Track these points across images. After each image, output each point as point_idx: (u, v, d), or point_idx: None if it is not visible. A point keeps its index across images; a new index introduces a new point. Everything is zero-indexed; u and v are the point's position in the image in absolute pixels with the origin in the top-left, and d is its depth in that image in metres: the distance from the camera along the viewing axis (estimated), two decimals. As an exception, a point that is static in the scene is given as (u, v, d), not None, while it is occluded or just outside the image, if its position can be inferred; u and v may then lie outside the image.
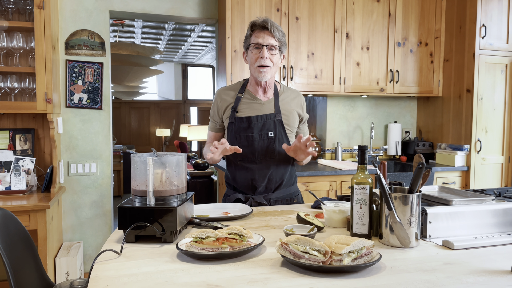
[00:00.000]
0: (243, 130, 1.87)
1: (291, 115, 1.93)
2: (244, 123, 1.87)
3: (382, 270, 1.07)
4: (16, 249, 1.36)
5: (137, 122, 9.53)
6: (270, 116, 1.88)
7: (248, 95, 1.92)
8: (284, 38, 1.85)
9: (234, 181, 1.95)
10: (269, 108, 1.90)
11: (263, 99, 1.91)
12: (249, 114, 1.88)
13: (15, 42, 2.80)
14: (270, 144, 1.87)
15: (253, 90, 1.92)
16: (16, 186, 2.71)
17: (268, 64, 1.81)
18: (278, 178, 1.92)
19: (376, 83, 3.62)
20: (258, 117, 1.87)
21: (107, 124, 3.32)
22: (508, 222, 1.39)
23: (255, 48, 1.81)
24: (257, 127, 1.86)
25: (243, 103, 1.90)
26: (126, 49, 6.25)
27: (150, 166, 1.29)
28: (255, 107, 1.89)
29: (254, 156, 1.87)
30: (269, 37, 1.80)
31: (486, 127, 3.54)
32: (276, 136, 1.87)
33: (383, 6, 3.59)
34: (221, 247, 1.15)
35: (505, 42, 3.53)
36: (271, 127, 1.87)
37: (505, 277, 1.03)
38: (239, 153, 1.85)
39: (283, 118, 1.90)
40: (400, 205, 1.24)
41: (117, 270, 1.08)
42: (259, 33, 1.81)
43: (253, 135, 1.86)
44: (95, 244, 3.34)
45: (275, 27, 1.81)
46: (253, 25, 1.83)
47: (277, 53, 1.84)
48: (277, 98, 1.92)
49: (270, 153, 1.88)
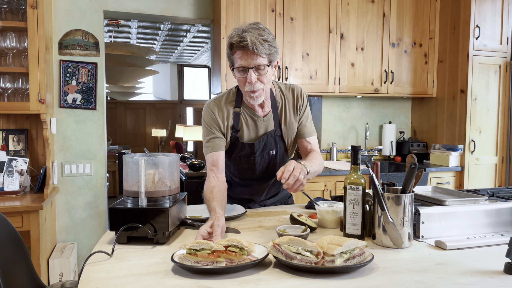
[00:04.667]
0: (245, 155, 1.73)
1: (290, 125, 1.76)
2: (246, 149, 1.71)
3: (374, 270, 1.07)
4: (6, 251, 1.34)
5: (132, 122, 9.50)
6: (271, 134, 1.73)
7: (246, 111, 1.71)
8: (273, 48, 1.54)
9: (230, 193, 1.87)
10: (269, 125, 1.73)
11: (262, 115, 1.72)
12: (250, 136, 1.72)
13: (8, 42, 2.78)
14: (271, 161, 1.78)
15: (249, 105, 1.70)
16: (9, 187, 2.69)
17: (258, 87, 1.56)
18: (276, 189, 1.90)
19: (371, 84, 3.62)
20: (260, 141, 1.71)
21: (101, 125, 3.30)
22: (501, 222, 1.39)
23: (241, 71, 1.55)
24: (259, 150, 1.72)
25: (243, 120, 1.70)
26: (122, 49, 6.23)
27: (142, 166, 1.28)
28: (256, 126, 1.72)
29: (254, 175, 1.79)
30: (254, 56, 1.50)
31: (480, 128, 3.55)
32: (277, 153, 1.77)
33: (377, 7, 3.59)
34: (217, 260, 1.06)
35: (499, 43, 3.54)
36: (272, 145, 1.74)
37: (497, 277, 1.03)
38: (239, 170, 1.78)
39: (283, 133, 1.76)
40: (393, 205, 1.24)
41: (108, 272, 1.07)
42: (242, 54, 1.51)
43: (255, 158, 1.74)
44: (89, 245, 3.32)
45: (259, 42, 1.48)
46: (231, 45, 1.53)
47: (267, 69, 1.55)
48: (275, 110, 1.73)
49: (271, 170, 1.79)
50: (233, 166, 1.80)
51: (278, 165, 1.77)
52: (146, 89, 9.66)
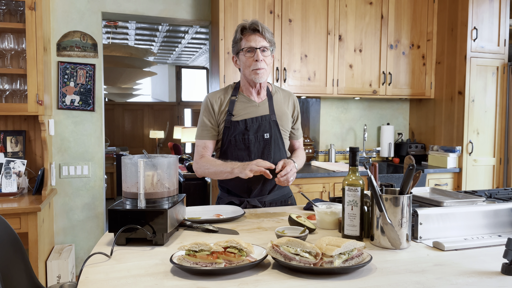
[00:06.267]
0: (239, 133, 1.85)
1: (285, 116, 1.94)
2: (240, 126, 1.85)
3: (372, 271, 1.08)
4: (5, 253, 1.34)
5: (130, 124, 9.49)
6: (265, 118, 1.88)
7: (242, 98, 1.91)
8: (273, 38, 1.86)
9: (228, 184, 1.92)
10: (264, 110, 1.90)
11: (257, 101, 1.91)
12: (244, 117, 1.87)
13: (6, 43, 2.78)
14: (266, 146, 1.87)
15: (246, 93, 1.91)
16: (7, 188, 2.68)
17: (263, 66, 1.82)
18: (273, 180, 1.91)
19: (369, 85, 3.63)
20: (253, 119, 1.86)
21: (99, 126, 3.30)
22: (498, 223, 1.40)
23: (248, 52, 1.81)
24: (253, 130, 1.85)
25: (238, 106, 1.88)
26: (120, 50, 6.22)
27: (141, 168, 1.28)
28: (250, 109, 1.88)
29: (250, 158, 1.85)
30: (261, 39, 1.80)
31: (478, 129, 3.57)
32: (271, 137, 1.87)
33: (375, 9, 3.61)
34: (216, 262, 1.07)
35: (496, 44, 3.56)
36: (267, 128, 1.87)
37: (495, 277, 1.04)
38: (235, 156, 1.84)
39: (277, 119, 1.90)
40: (391, 206, 1.25)
41: (106, 273, 1.07)
42: (250, 36, 1.80)
43: (249, 137, 1.85)
44: (87, 247, 3.31)
45: (265, 28, 1.82)
46: (243, 28, 1.82)
47: (269, 53, 1.85)
48: (270, 99, 1.93)
49: (266, 155, 1.87)
50: (229, 153, 1.88)
51: (273, 153, 1.87)
52: (144, 91, 9.65)
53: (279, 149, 1.90)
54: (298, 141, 2.08)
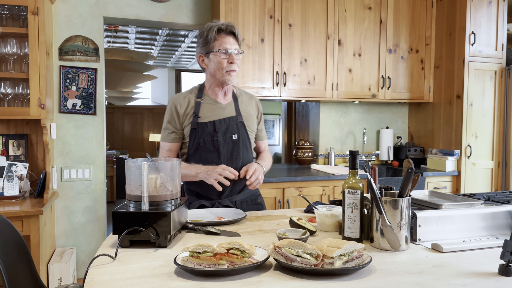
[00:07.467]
0: (207, 135, 1.86)
1: (250, 117, 1.98)
2: (208, 128, 1.86)
3: (372, 272, 1.10)
4: (11, 255, 1.36)
5: (130, 127, 9.51)
6: (233, 119, 1.91)
7: (208, 99, 1.92)
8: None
9: (197, 187, 1.90)
10: (230, 111, 1.92)
11: (223, 103, 1.93)
12: (212, 119, 1.88)
13: (9, 48, 2.80)
14: (235, 147, 1.89)
15: (212, 94, 1.93)
16: (9, 191, 2.70)
17: (236, 68, 1.87)
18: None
19: (368, 89, 3.66)
20: (221, 121, 1.88)
21: (100, 130, 3.32)
22: (496, 225, 1.42)
23: (223, 53, 1.84)
24: (221, 131, 1.87)
25: (204, 107, 1.90)
26: (120, 54, 6.25)
27: (145, 171, 1.31)
28: (217, 111, 1.90)
29: (219, 160, 1.86)
30: (235, 42, 1.87)
31: (476, 133, 3.60)
32: (240, 138, 1.90)
33: (374, 14, 3.64)
34: (219, 263, 1.09)
35: (494, 49, 3.59)
36: (234, 129, 1.90)
37: (492, 278, 1.06)
38: (204, 158, 1.85)
39: (244, 120, 1.94)
40: (390, 209, 1.27)
41: (112, 275, 1.09)
42: (225, 38, 1.85)
43: (218, 139, 1.86)
44: (88, 250, 3.33)
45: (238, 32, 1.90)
46: (219, 30, 1.85)
47: (240, 57, 1.91)
48: (236, 101, 1.96)
49: (235, 156, 1.88)
50: (198, 155, 1.87)
51: (242, 153, 1.90)
52: (144, 94, 9.68)
53: (247, 149, 1.94)
54: (263, 142, 2.12)
